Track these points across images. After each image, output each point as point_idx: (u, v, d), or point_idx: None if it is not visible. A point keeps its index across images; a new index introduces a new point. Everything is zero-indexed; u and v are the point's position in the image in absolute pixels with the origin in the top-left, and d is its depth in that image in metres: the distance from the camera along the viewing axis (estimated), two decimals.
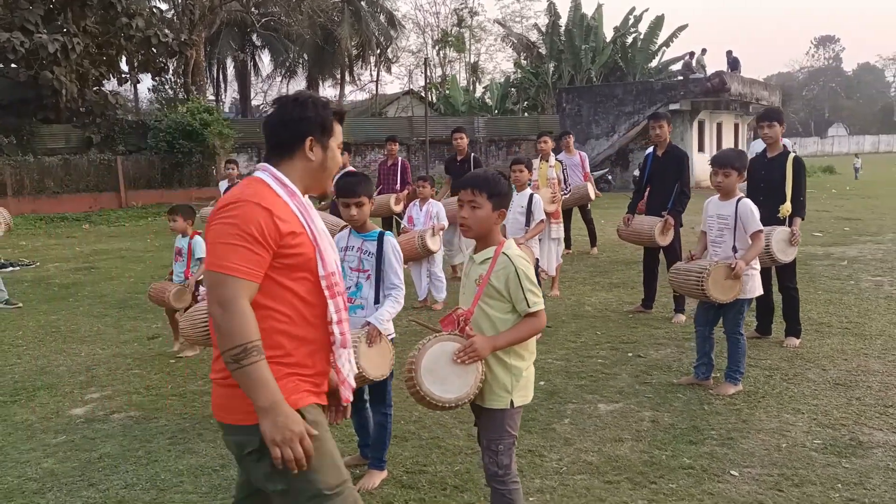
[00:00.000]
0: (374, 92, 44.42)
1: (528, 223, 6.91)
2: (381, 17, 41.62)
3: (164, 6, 30.92)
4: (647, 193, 7.50)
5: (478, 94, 42.77)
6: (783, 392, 5.08)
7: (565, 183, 9.18)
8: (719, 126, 29.90)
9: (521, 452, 4.21)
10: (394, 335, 4.04)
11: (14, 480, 4.10)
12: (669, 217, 7.04)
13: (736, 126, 31.68)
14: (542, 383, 5.36)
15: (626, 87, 29.08)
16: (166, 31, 25.51)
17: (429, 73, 36.37)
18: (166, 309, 6.73)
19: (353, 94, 48.79)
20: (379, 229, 4.02)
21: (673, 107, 26.94)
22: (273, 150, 2.35)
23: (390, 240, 3.97)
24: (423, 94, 42.60)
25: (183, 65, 30.98)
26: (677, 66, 37.84)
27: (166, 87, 35.48)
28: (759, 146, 9.62)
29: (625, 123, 27.73)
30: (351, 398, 2.48)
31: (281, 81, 48.03)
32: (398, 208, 10.68)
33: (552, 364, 5.93)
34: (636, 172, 26.71)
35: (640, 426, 4.58)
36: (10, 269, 11.47)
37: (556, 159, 9.13)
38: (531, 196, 6.95)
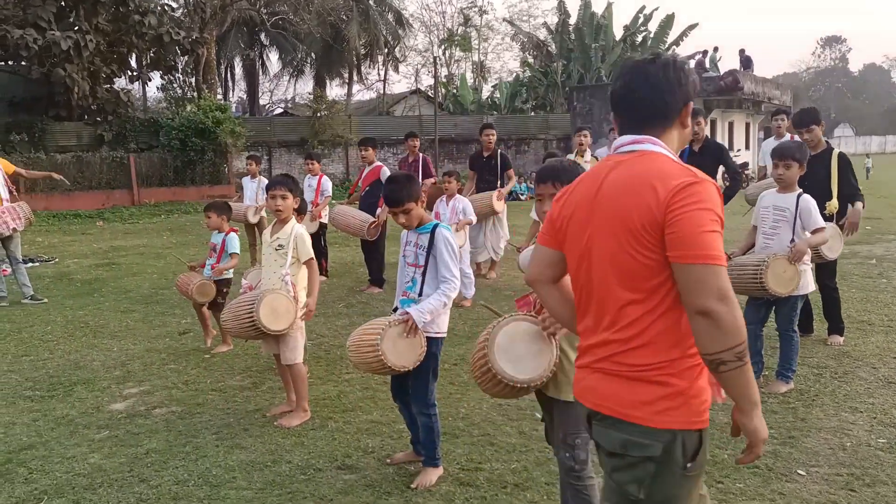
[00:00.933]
0: (382, 91, 44.31)
1: None
2: (390, 16, 41.53)
3: (173, 4, 30.86)
4: None
5: (485, 93, 42.61)
6: (836, 390, 4.99)
7: None
8: (731, 125, 29.82)
9: None
10: (443, 335, 3.92)
11: (63, 475, 4.02)
12: None
13: (747, 125, 31.59)
14: None
15: None
16: (178, 29, 25.45)
17: (437, 72, 36.29)
18: (194, 304, 6.63)
19: (360, 94, 48.76)
20: (434, 222, 3.91)
21: None
22: (647, 119, 2.08)
23: (442, 231, 3.84)
24: (429, 94, 42.58)
25: (192, 63, 30.99)
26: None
27: (175, 85, 35.47)
28: (770, 146, 9.56)
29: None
30: (725, 398, 2.13)
31: (288, 81, 48.08)
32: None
33: None
34: None
35: None
36: (30, 264, 11.39)
37: (592, 156, 9.04)
38: None
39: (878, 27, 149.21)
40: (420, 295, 3.79)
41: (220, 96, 37.73)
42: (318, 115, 27.99)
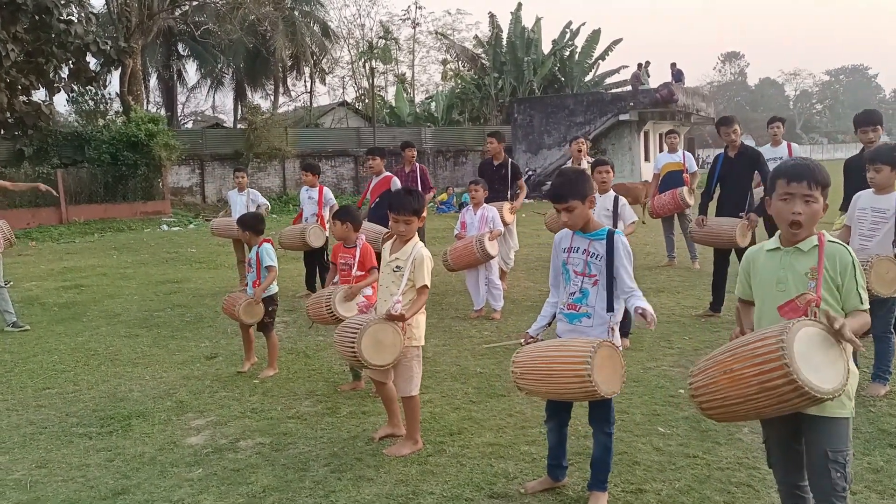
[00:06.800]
0: (309, 103, 43.53)
1: (614, 226, 6.64)
2: (316, 28, 40.94)
3: (95, 11, 29.38)
4: (717, 195, 7.42)
5: (417, 105, 42.45)
6: None
7: None
8: (660, 136, 30.64)
9: (732, 465, 3.96)
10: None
11: None
12: (753, 216, 6.94)
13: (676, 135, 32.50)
14: (681, 391, 5.13)
15: (577, 97, 29.46)
16: (104, 39, 24.22)
17: (375, 83, 35.96)
18: (240, 325, 6.15)
19: (283, 106, 47.74)
20: (607, 227, 3.64)
21: (623, 117, 27.49)
22: None
23: (622, 238, 3.57)
24: (357, 106, 42.12)
25: (107, 73, 29.52)
26: (612, 79, 38.70)
27: (87, 97, 33.74)
28: (768, 153, 9.74)
29: (576, 133, 28.04)
30: None
31: (208, 92, 46.56)
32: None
33: (671, 371, 5.73)
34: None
35: None
36: None
37: (588, 162, 8.95)
38: (616, 198, 6.69)
39: (773, 43, 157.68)
40: (610, 310, 3.52)
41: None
42: (254, 126, 27.14)
